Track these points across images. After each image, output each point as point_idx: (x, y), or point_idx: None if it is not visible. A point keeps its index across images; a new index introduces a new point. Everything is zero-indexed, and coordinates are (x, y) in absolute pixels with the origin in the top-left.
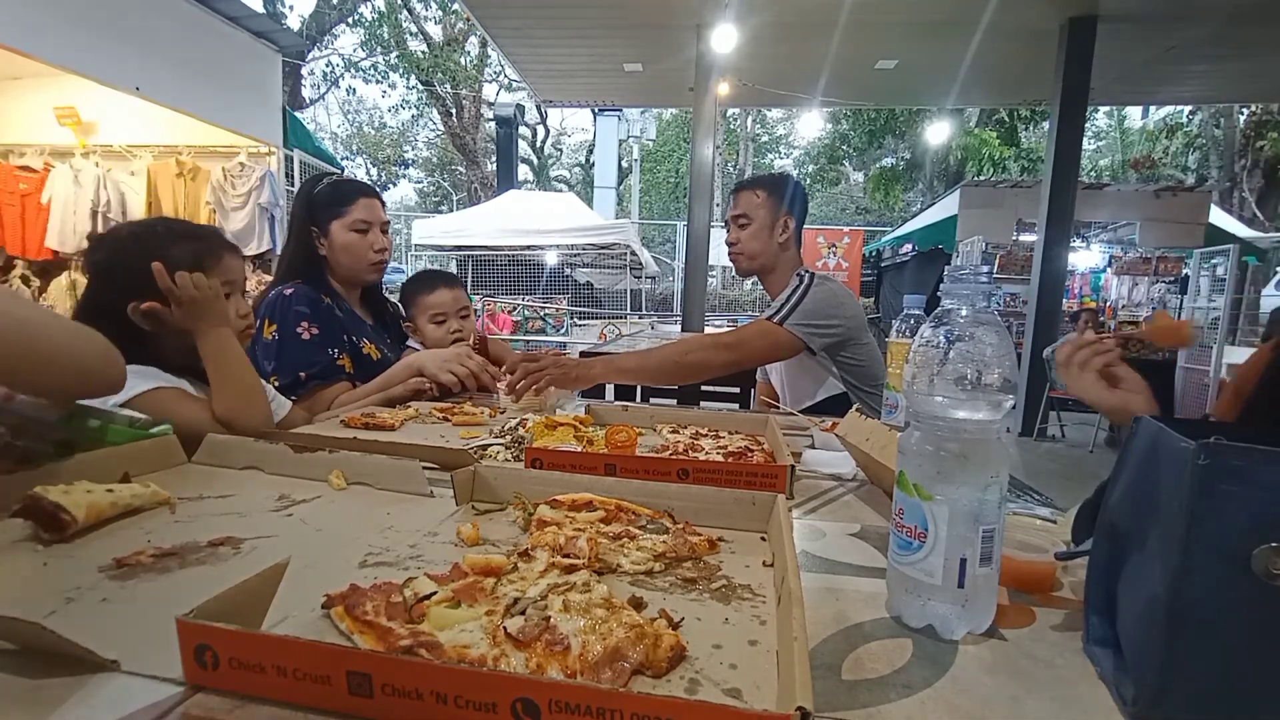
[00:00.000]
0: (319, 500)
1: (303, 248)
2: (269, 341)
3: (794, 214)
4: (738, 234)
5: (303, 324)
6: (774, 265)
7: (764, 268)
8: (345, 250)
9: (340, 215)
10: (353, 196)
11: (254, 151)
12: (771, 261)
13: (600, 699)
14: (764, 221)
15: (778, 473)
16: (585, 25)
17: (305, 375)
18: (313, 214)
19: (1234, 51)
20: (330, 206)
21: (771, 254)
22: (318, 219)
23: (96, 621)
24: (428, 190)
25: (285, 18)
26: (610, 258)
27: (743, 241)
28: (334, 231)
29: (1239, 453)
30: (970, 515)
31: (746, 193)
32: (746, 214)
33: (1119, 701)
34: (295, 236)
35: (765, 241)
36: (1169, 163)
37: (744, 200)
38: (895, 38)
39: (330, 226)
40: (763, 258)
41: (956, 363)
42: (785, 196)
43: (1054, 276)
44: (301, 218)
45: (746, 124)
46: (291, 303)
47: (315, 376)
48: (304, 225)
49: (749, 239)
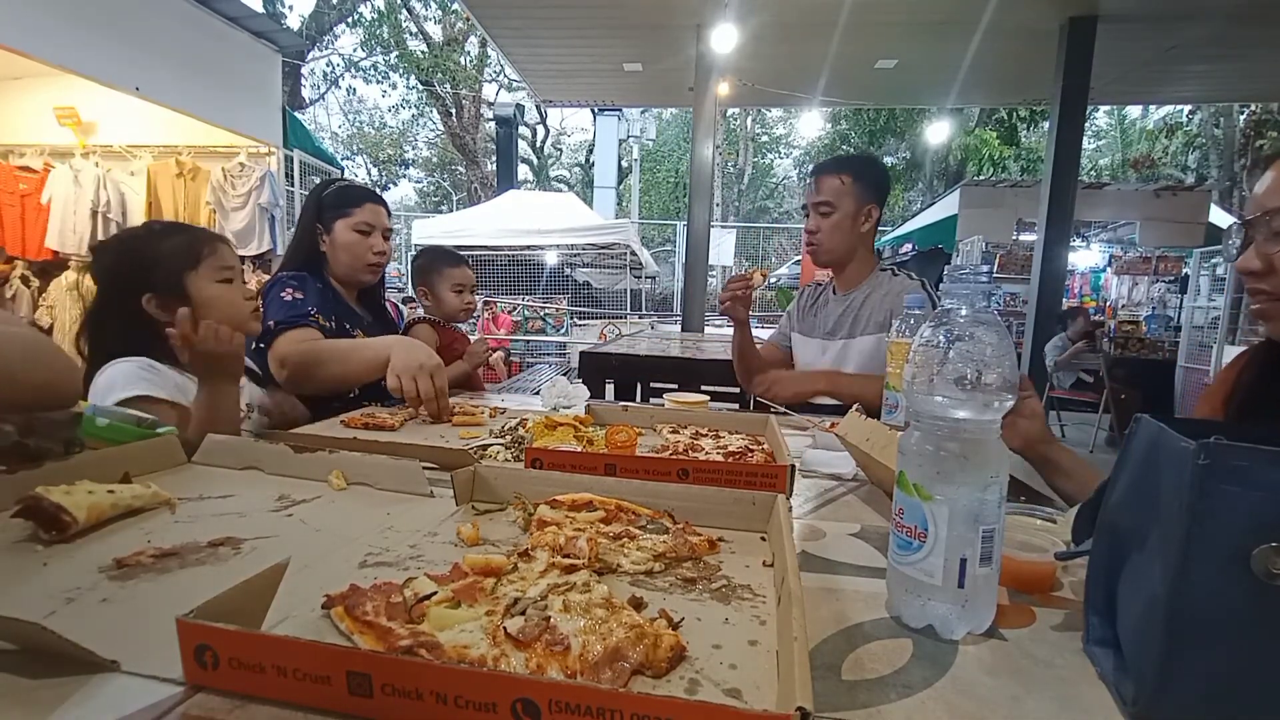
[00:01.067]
0: (319, 500)
1: (306, 243)
2: None
3: (879, 202)
4: (819, 222)
5: (288, 290)
6: (854, 255)
7: (846, 258)
8: (346, 248)
9: (346, 215)
10: (360, 200)
11: (254, 152)
12: (853, 252)
13: (600, 699)
14: (848, 210)
15: (778, 473)
16: (585, 25)
17: (274, 323)
18: (320, 212)
19: (1234, 51)
20: (338, 206)
21: (853, 244)
22: (324, 217)
23: (96, 622)
24: (428, 190)
25: (285, 18)
26: (610, 258)
27: (824, 232)
28: (337, 229)
29: (1239, 453)
30: (970, 515)
31: (830, 177)
32: (831, 201)
33: (1119, 701)
34: (300, 232)
35: (848, 232)
36: (1169, 162)
37: (827, 185)
38: (895, 38)
39: (335, 224)
40: (843, 250)
41: (956, 363)
42: (872, 182)
43: (1054, 276)
44: (309, 215)
45: (746, 124)
46: (283, 279)
47: (283, 323)
48: (311, 222)
49: (831, 229)
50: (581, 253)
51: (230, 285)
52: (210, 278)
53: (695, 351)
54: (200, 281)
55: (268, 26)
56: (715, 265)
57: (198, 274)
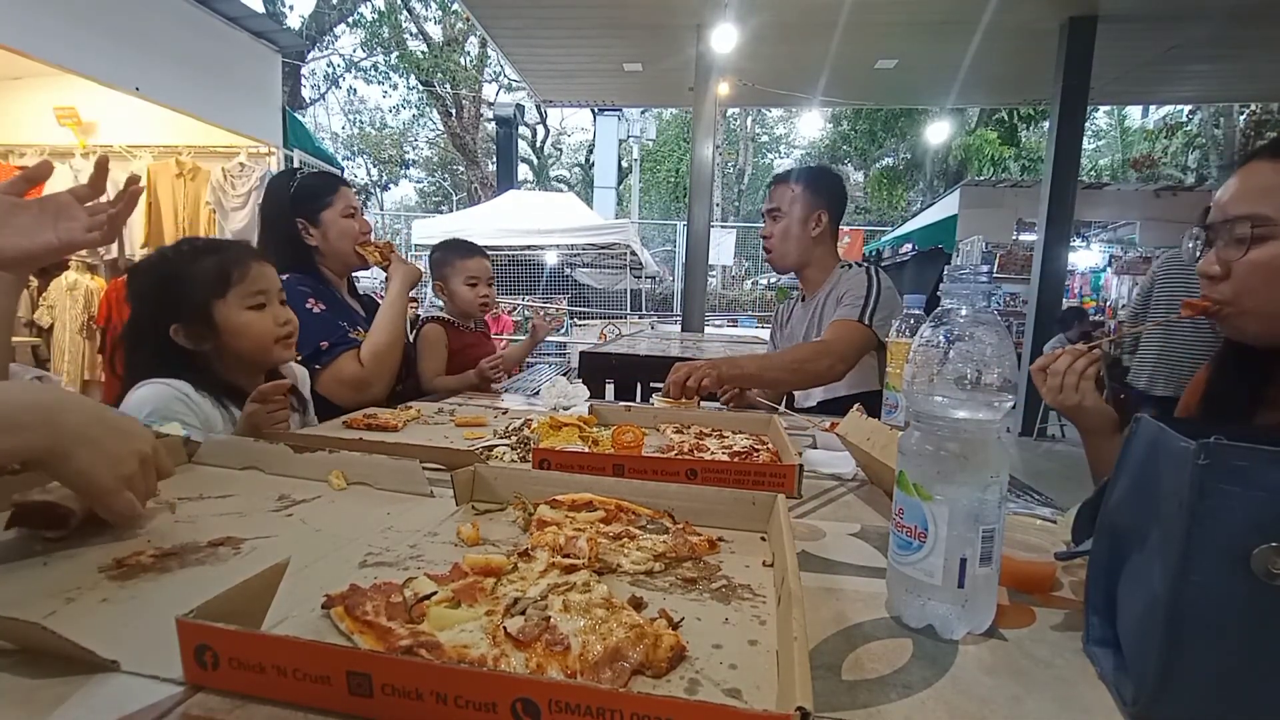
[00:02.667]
0: (319, 500)
1: (289, 241)
2: None
3: (829, 207)
4: (771, 227)
5: (309, 300)
6: (809, 259)
7: (800, 262)
8: (341, 236)
9: (329, 205)
10: (335, 186)
11: (254, 152)
12: (806, 256)
13: (600, 699)
14: (797, 215)
15: (786, 472)
16: (585, 25)
17: (327, 344)
18: (297, 207)
19: (1234, 51)
20: (318, 198)
21: (805, 249)
22: (304, 211)
23: (96, 621)
24: (428, 190)
25: (285, 18)
26: (610, 258)
27: (775, 236)
28: (326, 220)
29: (1239, 453)
30: (970, 515)
31: (781, 186)
32: (780, 208)
33: (1119, 701)
34: (277, 232)
35: (798, 236)
36: (1169, 162)
37: (778, 194)
38: (895, 38)
39: (321, 216)
40: (795, 253)
41: (956, 363)
42: (819, 190)
43: (1054, 276)
44: (282, 213)
45: (746, 124)
46: (293, 284)
47: (336, 344)
48: (287, 220)
49: (782, 234)
50: (581, 253)
51: (261, 312)
52: (239, 305)
53: (695, 351)
54: (228, 310)
55: (268, 26)
56: (715, 265)
57: (225, 302)
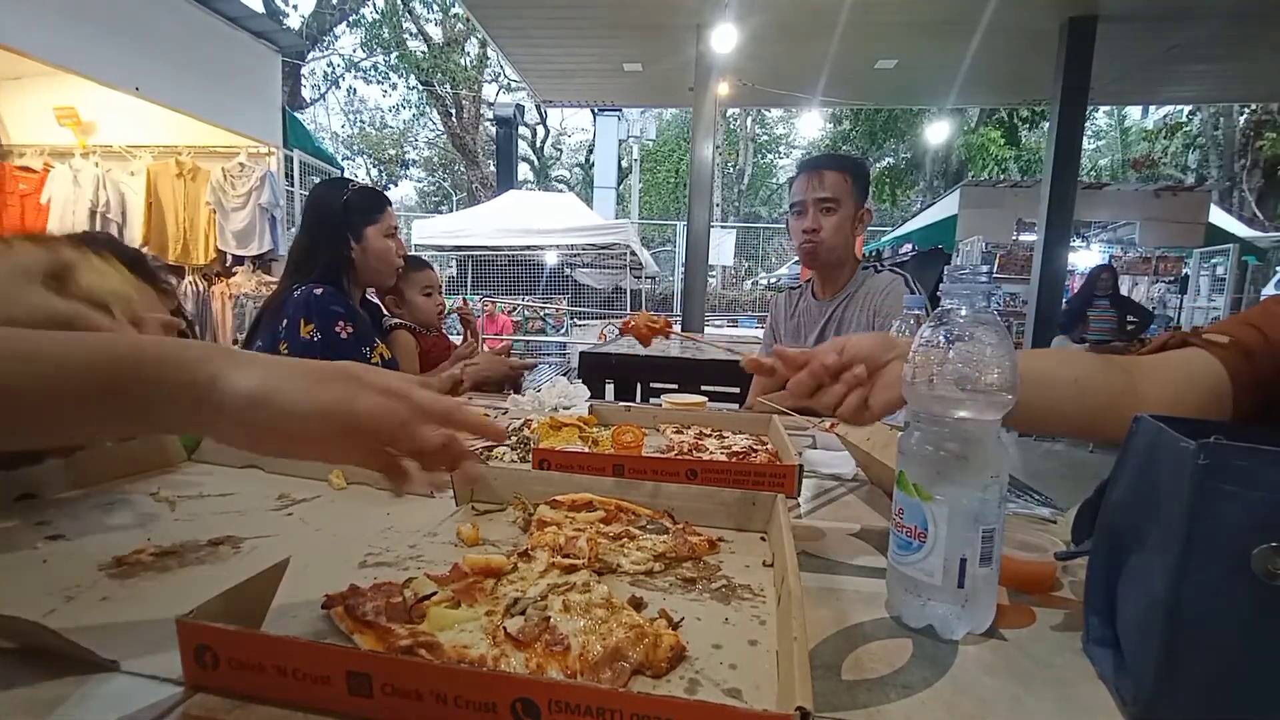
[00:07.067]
0: (319, 500)
1: (336, 250)
2: (308, 340)
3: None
4: (820, 220)
5: (340, 323)
6: (848, 259)
7: (843, 259)
8: (380, 255)
9: (375, 221)
10: (383, 204)
11: (254, 152)
12: (849, 253)
13: (600, 699)
14: (849, 211)
15: (786, 472)
16: (585, 25)
17: None
18: (348, 218)
19: (1234, 51)
20: (367, 212)
21: (850, 246)
22: (353, 223)
23: (96, 620)
24: (428, 190)
25: (285, 18)
26: (610, 258)
27: (827, 230)
28: (370, 236)
29: (1239, 452)
30: (970, 515)
31: (835, 174)
32: (837, 198)
33: (1119, 701)
34: (325, 239)
35: (847, 234)
36: (1169, 163)
37: (833, 182)
38: (895, 38)
39: (366, 231)
40: (842, 251)
41: (956, 363)
42: (864, 185)
43: (1054, 276)
44: (334, 221)
45: (746, 124)
46: (327, 302)
47: None
48: (339, 228)
49: (834, 229)
50: (581, 253)
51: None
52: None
53: (695, 352)
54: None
55: (268, 26)
56: (715, 265)
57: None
